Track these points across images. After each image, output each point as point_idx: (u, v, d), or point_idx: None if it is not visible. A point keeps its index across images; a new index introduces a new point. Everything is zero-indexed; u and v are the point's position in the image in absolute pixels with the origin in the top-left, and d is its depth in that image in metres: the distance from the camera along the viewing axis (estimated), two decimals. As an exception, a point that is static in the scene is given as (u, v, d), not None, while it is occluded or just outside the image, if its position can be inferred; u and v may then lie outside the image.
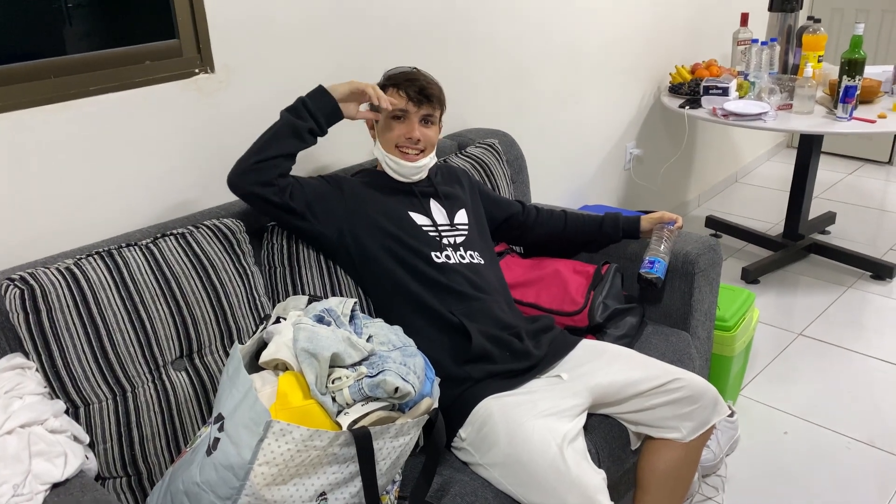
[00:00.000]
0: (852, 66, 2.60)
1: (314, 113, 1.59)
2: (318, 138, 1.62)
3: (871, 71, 2.94)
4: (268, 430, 1.11)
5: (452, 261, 1.66)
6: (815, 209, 3.59)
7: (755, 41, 3.06)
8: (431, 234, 1.69)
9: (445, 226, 1.73)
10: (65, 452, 1.17)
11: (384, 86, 1.72)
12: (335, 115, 1.63)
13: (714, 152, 3.92)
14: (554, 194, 2.87)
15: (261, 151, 1.55)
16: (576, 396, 1.51)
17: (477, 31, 2.34)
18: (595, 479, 1.37)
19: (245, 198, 1.57)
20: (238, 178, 1.55)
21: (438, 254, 1.66)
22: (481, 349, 1.54)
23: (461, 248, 1.71)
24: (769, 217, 3.73)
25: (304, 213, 1.61)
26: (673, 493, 1.61)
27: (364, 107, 1.71)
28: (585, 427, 1.49)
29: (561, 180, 2.91)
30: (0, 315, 1.30)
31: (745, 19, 3.16)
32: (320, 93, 1.61)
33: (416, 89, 1.68)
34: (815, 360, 2.58)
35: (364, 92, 1.62)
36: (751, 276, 3.10)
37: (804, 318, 2.84)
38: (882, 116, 2.63)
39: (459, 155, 2.11)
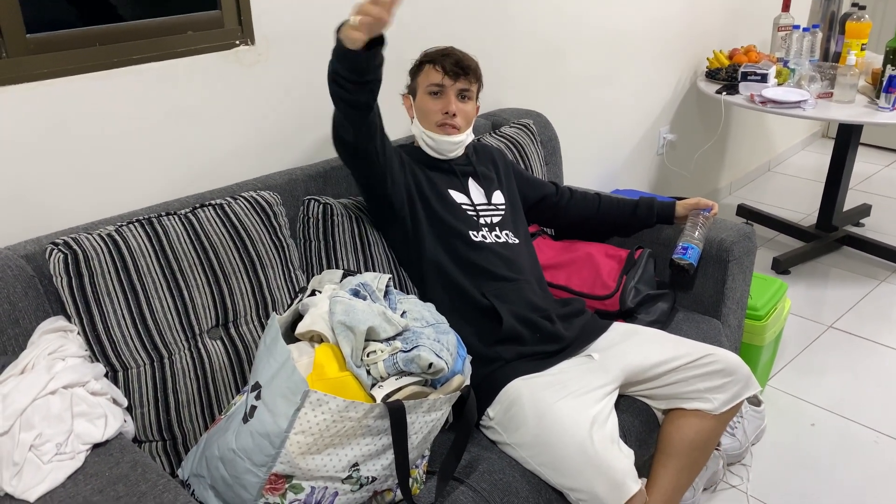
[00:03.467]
0: (897, 56, 2.54)
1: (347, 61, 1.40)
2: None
3: (915, 61, 2.88)
4: (305, 399, 1.12)
5: (489, 240, 1.67)
6: (850, 201, 3.53)
7: (796, 27, 3.00)
8: (469, 212, 1.69)
9: (483, 205, 1.73)
10: (105, 414, 1.20)
11: (420, 63, 1.72)
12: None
13: (748, 140, 3.87)
14: (586, 177, 2.85)
15: (341, 88, 1.40)
16: (607, 375, 1.52)
17: (513, 11, 2.32)
18: (623, 463, 1.37)
19: (353, 157, 1.52)
20: (341, 128, 1.47)
21: (475, 233, 1.67)
22: (511, 330, 1.55)
23: (497, 228, 1.71)
24: (802, 207, 3.68)
25: (387, 177, 1.59)
26: (695, 463, 1.61)
27: (355, 20, 1.31)
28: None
29: (593, 163, 2.89)
30: (44, 278, 1.33)
31: (787, 4, 3.10)
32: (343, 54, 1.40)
33: (452, 62, 1.68)
34: (845, 353, 2.55)
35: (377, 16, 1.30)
36: (782, 266, 3.06)
37: (835, 310, 2.80)
38: (926, 108, 2.58)
39: (493, 134, 2.10)
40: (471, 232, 1.66)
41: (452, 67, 1.67)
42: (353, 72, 1.38)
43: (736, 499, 1.95)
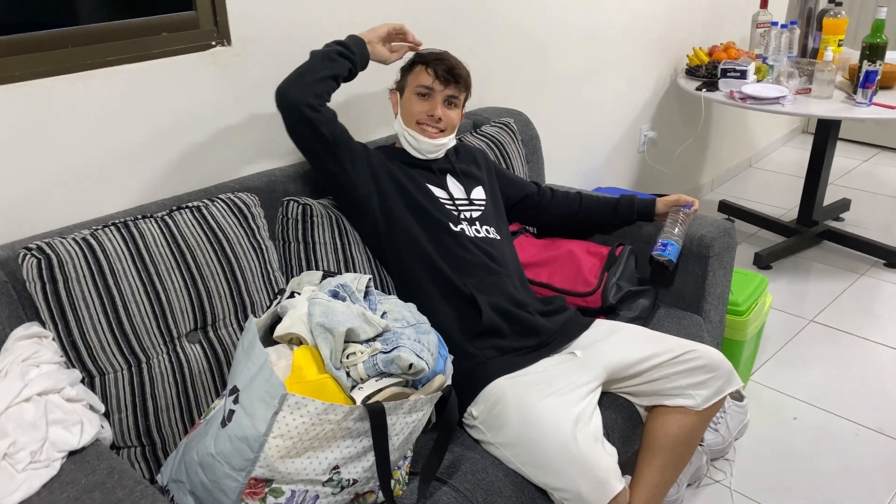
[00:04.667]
0: (873, 51, 2.57)
1: (354, 52, 1.64)
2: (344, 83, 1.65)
3: (892, 56, 2.90)
4: (283, 403, 1.11)
5: (468, 233, 1.67)
6: (830, 196, 3.56)
7: (775, 24, 3.02)
8: (448, 206, 1.70)
9: (462, 200, 1.73)
10: (81, 421, 1.18)
11: (412, 63, 1.73)
12: (365, 63, 1.68)
13: (729, 137, 3.89)
14: (568, 175, 2.85)
15: (309, 72, 1.58)
16: (590, 372, 1.52)
17: (496, 9, 2.32)
18: (606, 461, 1.38)
19: (296, 114, 1.55)
20: (290, 90, 1.56)
21: (455, 225, 1.67)
22: (491, 323, 1.55)
23: (477, 223, 1.71)
24: (783, 203, 3.70)
25: (342, 158, 1.61)
26: (679, 459, 1.61)
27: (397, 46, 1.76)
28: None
29: (575, 161, 2.90)
30: (17, 284, 1.31)
31: (765, 2, 3.12)
32: (357, 41, 1.66)
33: (444, 68, 1.69)
34: (827, 346, 2.57)
35: (403, 31, 1.72)
36: (763, 261, 3.08)
37: (816, 304, 2.82)
38: (902, 102, 2.60)
39: (475, 133, 2.10)
40: (450, 223, 1.66)
41: (444, 73, 1.69)
42: (351, 73, 1.64)
43: (720, 493, 1.96)
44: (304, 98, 1.55)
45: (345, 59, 1.62)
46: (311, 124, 1.56)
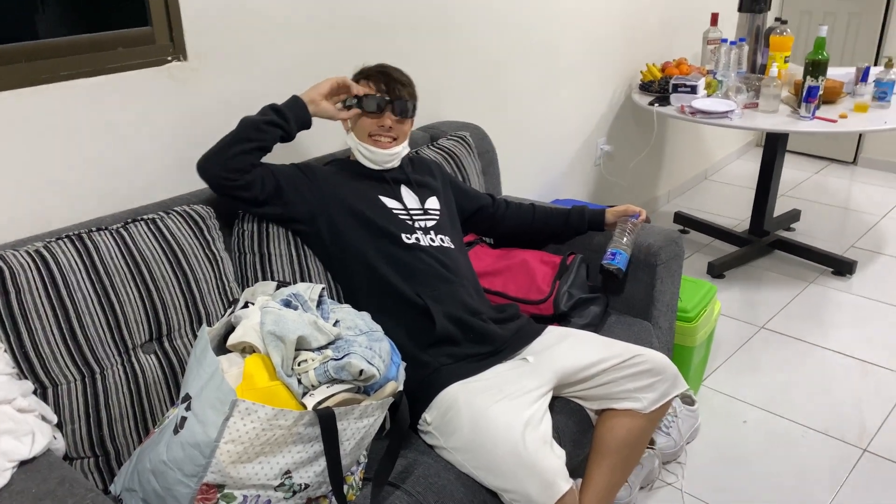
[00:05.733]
0: (815, 67, 2.67)
1: (288, 119, 1.63)
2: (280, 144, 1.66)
3: (834, 72, 3.03)
4: (233, 408, 1.14)
5: (423, 243, 1.70)
6: (782, 206, 3.68)
7: (724, 41, 3.13)
8: (402, 216, 1.73)
9: (416, 210, 1.77)
10: (33, 431, 1.19)
11: (356, 80, 1.76)
12: (306, 125, 1.68)
13: (684, 150, 3.99)
14: (526, 188, 2.91)
15: (232, 144, 1.57)
16: (541, 377, 1.56)
17: (453, 25, 2.38)
18: (554, 463, 1.41)
19: (215, 186, 1.59)
20: (208, 165, 1.57)
21: (409, 235, 1.70)
22: (445, 332, 1.58)
23: (431, 232, 1.75)
24: (736, 214, 3.81)
25: (273, 203, 1.64)
26: (627, 461, 1.66)
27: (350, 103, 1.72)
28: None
29: (533, 174, 2.96)
30: (-31, 296, 1.31)
31: (714, 19, 3.23)
32: (296, 104, 1.66)
33: (386, 82, 1.73)
34: (776, 352, 2.65)
35: (346, 85, 1.70)
36: (716, 270, 3.17)
37: (767, 311, 2.91)
38: (843, 116, 2.71)
39: (431, 147, 2.15)
40: (403, 235, 1.69)
41: (387, 88, 1.72)
42: (295, 132, 1.67)
43: (672, 496, 2.01)
44: (222, 172, 1.56)
45: (276, 126, 1.62)
46: (233, 192, 1.59)
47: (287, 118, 1.63)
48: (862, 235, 3.54)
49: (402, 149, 1.79)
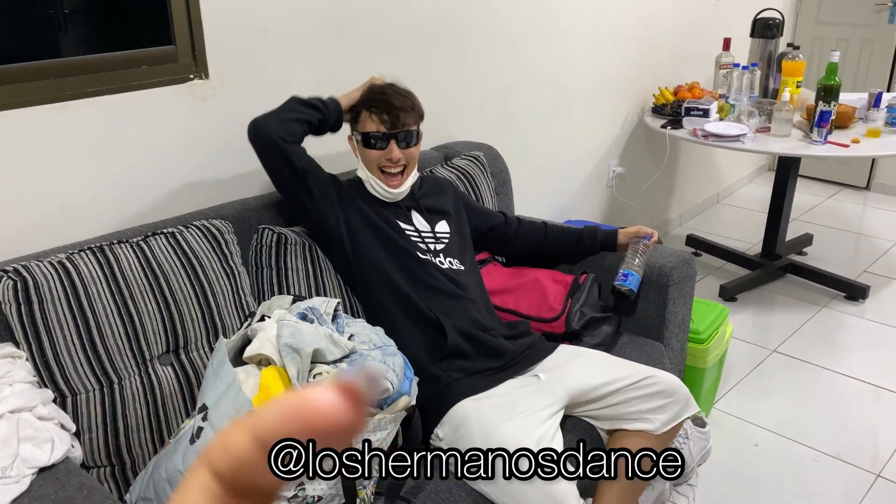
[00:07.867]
0: (827, 92, 2.69)
1: (328, 109, 1.70)
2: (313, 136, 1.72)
3: (847, 97, 3.04)
4: (250, 419, 1.15)
5: (434, 262, 1.72)
6: (794, 231, 3.68)
7: (737, 65, 3.15)
8: (414, 238, 1.75)
9: (427, 233, 1.79)
10: (52, 438, 1.21)
11: (357, 110, 1.73)
12: (338, 124, 1.75)
13: (697, 173, 4.01)
14: (538, 209, 2.93)
15: (286, 111, 1.65)
16: (553, 395, 1.57)
17: (466, 48, 2.42)
18: (564, 483, 1.42)
19: (270, 144, 1.62)
20: (266, 122, 1.63)
21: (422, 254, 1.72)
22: (456, 345, 1.60)
23: (441, 255, 1.77)
24: (748, 237, 3.81)
25: (312, 189, 1.68)
26: (638, 482, 1.66)
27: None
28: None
29: (545, 195, 2.98)
30: (-7, 305, 1.34)
31: (727, 44, 3.26)
32: (334, 103, 1.72)
33: (387, 110, 1.68)
34: (788, 376, 2.65)
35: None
36: (728, 293, 3.17)
37: (779, 335, 2.90)
38: (855, 141, 2.72)
39: (445, 166, 2.17)
40: (417, 252, 1.72)
41: (390, 117, 1.67)
42: (321, 127, 1.72)
43: (682, 518, 2.00)
44: (279, 132, 1.62)
45: (317, 111, 1.68)
46: (284, 154, 1.62)
47: (328, 109, 1.70)
48: (875, 261, 3.54)
49: (412, 178, 1.79)
